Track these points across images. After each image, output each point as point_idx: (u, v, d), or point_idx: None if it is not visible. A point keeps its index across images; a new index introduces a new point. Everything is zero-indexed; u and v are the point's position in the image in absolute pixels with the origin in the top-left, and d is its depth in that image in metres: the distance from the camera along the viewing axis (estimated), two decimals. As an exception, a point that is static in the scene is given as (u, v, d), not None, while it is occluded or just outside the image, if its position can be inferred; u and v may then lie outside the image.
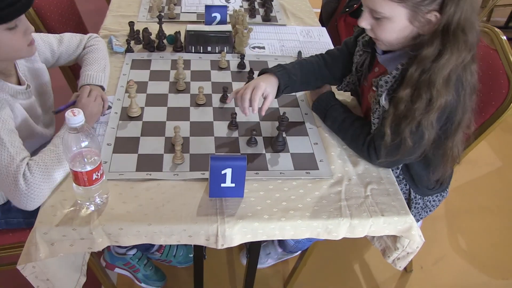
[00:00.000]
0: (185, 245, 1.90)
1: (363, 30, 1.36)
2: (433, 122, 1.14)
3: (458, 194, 2.45)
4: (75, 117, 0.95)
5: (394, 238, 1.27)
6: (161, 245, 1.82)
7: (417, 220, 1.54)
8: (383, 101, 1.23)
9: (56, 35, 1.53)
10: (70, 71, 1.92)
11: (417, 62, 1.12)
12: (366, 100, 1.43)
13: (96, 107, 1.33)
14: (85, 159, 1.03)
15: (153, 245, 1.79)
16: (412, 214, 1.45)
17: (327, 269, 2.03)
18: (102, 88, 1.45)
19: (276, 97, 1.37)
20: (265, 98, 1.31)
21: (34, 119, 1.33)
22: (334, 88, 1.53)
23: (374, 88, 1.28)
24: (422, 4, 1.08)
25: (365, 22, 1.17)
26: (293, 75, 1.38)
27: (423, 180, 1.41)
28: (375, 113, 1.27)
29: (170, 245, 1.85)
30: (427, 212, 1.54)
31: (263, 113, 1.32)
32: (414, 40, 1.15)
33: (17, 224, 1.42)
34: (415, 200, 1.46)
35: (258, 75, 1.38)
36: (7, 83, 1.23)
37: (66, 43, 1.52)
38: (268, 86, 1.30)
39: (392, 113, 1.17)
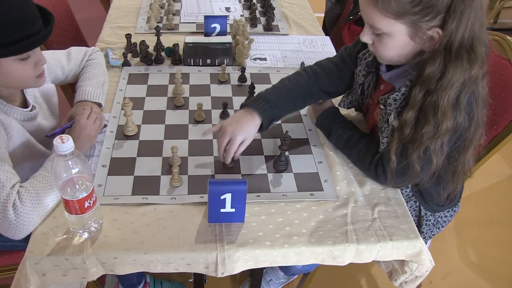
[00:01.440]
0: (170, 280, 1.88)
1: (363, 47, 1.30)
2: (443, 146, 1.08)
3: (467, 205, 2.38)
4: (64, 144, 0.90)
5: (402, 261, 1.21)
6: (146, 282, 1.79)
7: (429, 237, 1.49)
8: (392, 119, 1.16)
9: (63, 50, 1.48)
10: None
11: (421, 82, 1.06)
12: (372, 118, 1.36)
13: (94, 129, 1.26)
14: (77, 186, 0.98)
15: (139, 282, 1.76)
16: (423, 232, 1.41)
17: (333, 282, 1.97)
18: (99, 105, 1.40)
19: (260, 132, 1.28)
20: (241, 143, 1.23)
21: (39, 141, 1.28)
22: (337, 99, 1.46)
23: (381, 106, 1.22)
24: (421, 21, 1.01)
25: (366, 37, 1.12)
26: (278, 107, 1.28)
27: (433, 197, 1.36)
28: (384, 132, 1.21)
29: (155, 282, 1.83)
30: (438, 228, 1.48)
31: (237, 156, 1.24)
32: (417, 57, 1.09)
33: (11, 247, 1.37)
34: (426, 217, 1.40)
35: (240, 108, 1.30)
36: (9, 105, 1.19)
37: (74, 58, 1.47)
38: (245, 134, 1.22)
39: (398, 138, 1.12)
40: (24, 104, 1.27)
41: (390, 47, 1.09)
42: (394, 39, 1.06)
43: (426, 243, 1.16)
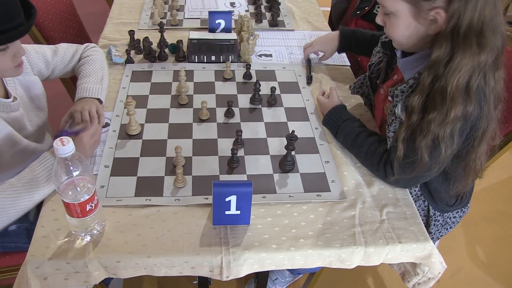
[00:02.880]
0: None
1: None
2: (453, 135, 1.05)
3: (475, 201, 2.32)
4: (65, 147, 0.88)
5: (414, 263, 1.18)
6: None
7: (437, 238, 1.46)
8: (399, 111, 1.14)
9: (52, 45, 1.46)
10: (70, 80, 1.84)
11: (428, 67, 1.04)
12: (381, 111, 1.34)
13: (98, 134, 1.26)
14: (78, 188, 0.96)
15: None
16: (432, 232, 1.39)
17: (339, 281, 1.95)
18: (100, 101, 1.37)
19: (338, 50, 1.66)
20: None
21: (21, 133, 1.26)
22: (345, 97, 1.43)
23: (390, 98, 1.19)
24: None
25: (379, 18, 1.15)
26: (356, 40, 1.59)
27: (442, 197, 1.33)
28: (391, 126, 1.18)
29: None
30: (447, 229, 1.45)
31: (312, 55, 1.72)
32: (424, 40, 1.09)
33: (15, 248, 1.36)
34: (435, 217, 1.37)
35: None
36: None
37: (61, 53, 1.45)
38: (324, 48, 1.66)
39: (405, 125, 1.09)
40: (5, 96, 1.26)
41: (396, 27, 1.11)
42: (399, 19, 1.08)
43: (434, 244, 1.13)
